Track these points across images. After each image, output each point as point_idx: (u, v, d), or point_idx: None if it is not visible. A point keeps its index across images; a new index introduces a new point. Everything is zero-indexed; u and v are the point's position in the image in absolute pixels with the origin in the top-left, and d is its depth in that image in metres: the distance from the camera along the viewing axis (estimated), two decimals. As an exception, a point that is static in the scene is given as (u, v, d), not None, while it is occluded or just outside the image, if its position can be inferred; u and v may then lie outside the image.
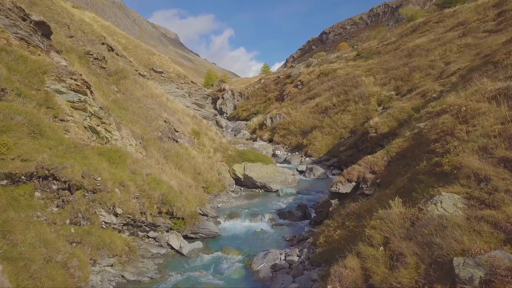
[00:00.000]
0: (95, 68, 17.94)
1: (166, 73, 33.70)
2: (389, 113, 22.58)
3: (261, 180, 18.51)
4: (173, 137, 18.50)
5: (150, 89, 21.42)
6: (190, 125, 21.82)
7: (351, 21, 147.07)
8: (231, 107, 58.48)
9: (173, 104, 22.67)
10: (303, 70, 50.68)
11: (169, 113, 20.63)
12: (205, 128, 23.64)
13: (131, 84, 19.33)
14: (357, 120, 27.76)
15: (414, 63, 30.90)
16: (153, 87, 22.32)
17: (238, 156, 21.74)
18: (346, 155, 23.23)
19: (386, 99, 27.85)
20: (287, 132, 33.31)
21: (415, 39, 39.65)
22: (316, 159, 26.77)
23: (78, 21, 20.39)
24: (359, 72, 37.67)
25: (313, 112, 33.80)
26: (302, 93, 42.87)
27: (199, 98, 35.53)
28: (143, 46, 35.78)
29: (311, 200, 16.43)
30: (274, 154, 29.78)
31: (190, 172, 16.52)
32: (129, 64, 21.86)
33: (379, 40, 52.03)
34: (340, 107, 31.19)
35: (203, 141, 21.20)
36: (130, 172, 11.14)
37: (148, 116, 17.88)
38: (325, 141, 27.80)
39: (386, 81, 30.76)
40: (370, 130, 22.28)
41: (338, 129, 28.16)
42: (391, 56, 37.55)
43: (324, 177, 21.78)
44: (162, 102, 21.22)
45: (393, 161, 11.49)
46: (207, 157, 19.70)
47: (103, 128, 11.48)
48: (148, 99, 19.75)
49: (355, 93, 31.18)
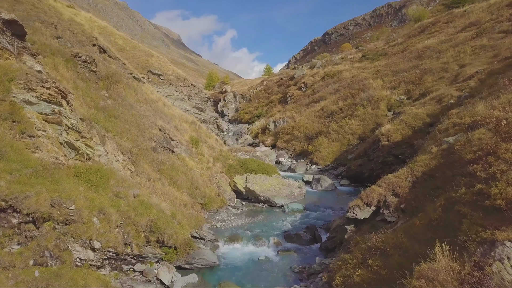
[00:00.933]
0: (84, 72, 16.32)
1: (165, 76, 32.08)
2: (402, 119, 20.88)
3: (264, 194, 16.85)
4: (169, 147, 16.86)
5: (145, 94, 19.78)
6: (188, 132, 20.18)
7: (354, 21, 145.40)
8: (232, 109, 56.87)
9: (170, 109, 21.03)
10: (307, 72, 49.00)
11: (165, 120, 18.99)
12: (204, 135, 21.99)
13: (123, 89, 17.70)
14: (365, 126, 26.06)
15: (425, 65, 29.17)
16: (149, 91, 20.70)
17: (239, 165, 20.09)
18: (356, 165, 21.54)
19: (397, 103, 26.14)
20: (291, 137, 31.64)
21: (424, 40, 37.93)
22: (323, 167, 25.09)
23: (67, 21, 18.78)
24: (366, 74, 35.98)
25: (318, 116, 32.11)
26: (306, 95, 41.21)
27: (199, 101, 33.91)
28: (141, 47, 34.18)
29: (320, 219, 14.74)
30: (278, 161, 28.12)
31: (186, 187, 14.87)
32: (123, 67, 20.24)
33: (385, 41, 50.29)
34: (347, 112, 29.49)
35: (202, 149, 19.55)
36: (113, 195, 9.49)
37: (141, 124, 16.24)
38: (331, 148, 26.11)
39: (395, 84, 29.04)
40: (382, 138, 20.59)
41: (345, 135, 26.46)
42: (399, 58, 35.83)
43: (332, 189, 20.11)
44: (158, 108, 19.59)
45: (419, 182, 9.82)
46: (206, 168, 18.05)
47: (83, 143, 9.85)
48: (142, 105, 18.11)
49: (362, 96, 29.48)
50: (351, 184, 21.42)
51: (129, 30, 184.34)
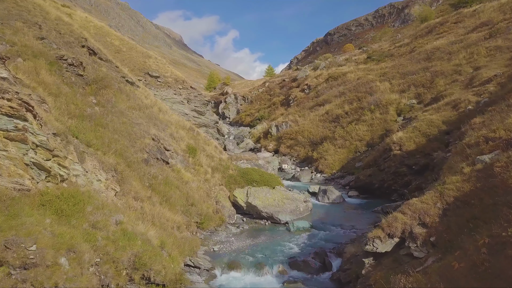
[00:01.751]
0: (70, 76, 14.79)
1: (163, 78, 30.54)
2: (415, 126, 19.29)
3: (267, 210, 15.29)
4: (163, 158, 15.32)
5: (139, 99, 18.23)
6: (185, 140, 18.64)
7: (356, 22, 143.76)
8: (234, 111, 55.34)
9: (166, 115, 19.48)
10: (310, 73, 47.42)
11: (160, 128, 17.45)
12: (202, 143, 20.44)
13: (114, 94, 16.16)
14: (374, 132, 24.47)
15: (436, 67, 27.56)
16: (143, 96, 19.15)
17: (240, 176, 18.56)
18: (365, 175, 19.95)
19: (407, 108, 24.54)
20: (294, 142, 30.06)
21: (432, 40, 36.30)
22: (329, 176, 23.51)
23: (54, 20, 17.26)
24: (372, 76, 34.38)
25: (323, 120, 30.52)
26: (309, 98, 39.63)
27: (198, 104, 32.39)
28: (138, 48, 32.65)
29: (330, 240, 13.17)
30: (281, 168, 26.57)
31: (181, 204, 13.33)
32: (115, 70, 18.71)
33: (390, 42, 48.65)
34: (354, 116, 27.90)
35: (199, 159, 18.01)
36: (89, 225, 7.95)
37: (132, 133, 14.70)
38: (338, 155, 24.53)
39: (404, 88, 27.43)
40: (393, 146, 19.01)
41: (352, 141, 24.88)
42: (407, 59, 34.21)
43: (340, 201, 18.54)
44: (153, 114, 18.04)
45: (450, 209, 8.27)
46: (204, 180, 16.50)
47: (55, 163, 8.34)
48: (135, 112, 16.56)
49: (370, 100, 27.89)
50: (360, 195, 19.85)
51: (130, 31, 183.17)
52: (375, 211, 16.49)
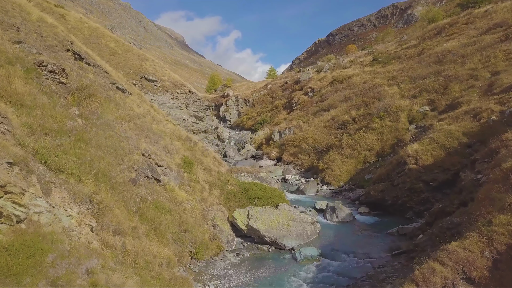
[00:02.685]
0: (50, 84, 13.09)
1: (160, 82, 28.85)
2: (432, 138, 17.52)
3: (271, 234, 13.56)
4: (154, 176, 13.61)
5: (130, 108, 16.51)
6: (180, 153, 16.92)
7: (359, 22, 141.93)
8: (235, 114, 53.63)
9: (160, 125, 17.75)
10: (314, 76, 45.66)
11: (153, 140, 15.73)
12: (200, 154, 18.73)
13: (101, 103, 14.45)
14: (384, 141, 22.69)
15: (449, 71, 25.77)
16: (135, 104, 17.44)
17: (240, 192, 16.86)
18: (377, 190, 18.20)
19: (419, 115, 22.76)
20: (298, 150, 28.31)
21: (442, 42, 34.47)
22: (336, 188, 21.76)
23: (36, 22, 15.56)
24: (380, 80, 32.59)
25: (329, 126, 28.77)
26: (313, 102, 37.87)
27: (197, 109, 30.68)
28: (134, 50, 30.95)
29: (343, 273, 11.41)
30: (284, 178, 24.84)
31: (172, 232, 11.62)
32: (104, 76, 17.01)
33: (397, 43, 46.82)
34: (361, 123, 26.13)
35: (196, 173, 16.30)
36: (48, 283, 6.25)
37: (120, 149, 13.00)
38: (345, 166, 22.77)
39: (415, 93, 25.64)
40: (409, 160, 17.25)
41: (361, 151, 23.11)
42: (416, 62, 32.41)
43: (350, 220, 16.80)
44: (145, 124, 16.31)
45: (503, 261, 6.54)
46: (200, 198, 14.79)
47: (8, 200, 6.66)
48: (124, 123, 14.84)
49: (378, 106, 26.12)
50: (371, 212, 18.11)
51: (132, 31, 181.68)
52: (390, 234, 14.76)
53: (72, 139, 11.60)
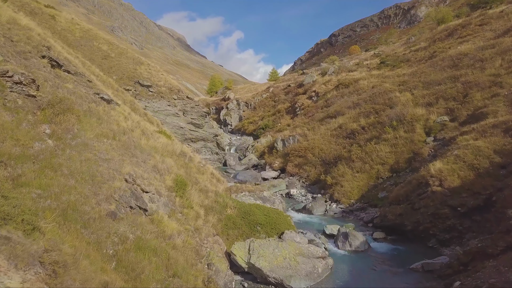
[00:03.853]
0: (15, 98, 10.98)
1: (155, 87, 26.74)
2: (458, 155, 15.34)
3: (276, 274, 11.43)
4: (139, 205, 11.49)
5: (115, 122, 14.38)
6: (173, 172, 14.79)
7: (361, 23, 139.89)
8: (236, 118, 51.51)
9: (150, 140, 15.63)
10: (318, 79, 43.48)
11: (140, 159, 13.61)
12: (195, 171, 16.61)
13: (79, 119, 12.33)
14: (399, 154, 20.50)
15: (467, 77, 23.54)
16: (122, 117, 15.34)
17: (240, 217, 14.75)
18: (394, 213, 16.03)
19: (437, 126, 20.56)
20: (303, 160, 26.15)
21: (455, 45, 32.23)
22: (346, 207, 19.60)
23: (6, 24, 13.45)
24: (389, 85, 30.39)
25: (336, 135, 26.60)
26: (318, 107, 35.70)
27: (196, 116, 28.56)
28: (129, 53, 28.84)
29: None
30: (289, 194, 22.69)
31: (157, 279, 9.47)
32: (86, 86, 14.92)
33: (405, 45, 44.55)
34: (372, 132, 23.94)
35: (190, 197, 14.17)
36: None
37: (97, 175, 10.87)
38: (356, 182, 20.60)
39: (431, 100, 23.42)
40: (432, 181, 15.07)
41: (373, 164, 20.92)
42: (428, 66, 30.17)
43: (365, 248, 14.66)
44: (131, 141, 14.19)
45: None
46: (194, 229, 12.65)
47: None
48: (107, 141, 12.71)
49: (390, 114, 23.93)
50: (387, 237, 15.95)
51: (133, 32, 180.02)
52: (413, 270, 12.62)
53: (37, 166, 9.48)
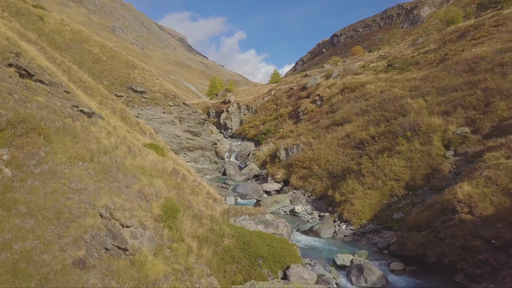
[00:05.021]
0: (-34, 116, 8.99)
1: (150, 93, 24.72)
2: (489, 177, 13.27)
3: (281, 330, 9.41)
4: (117, 244, 9.44)
5: (95, 140, 12.32)
6: (162, 196, 12.76)
7: (364, 23, 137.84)
8: (236, 122, 49.46)
9: (137, 159, 13.61)
10: (322, 82, 41.40)
11: (123, 184, 11.58)
12: (189, 192, 14.58)
13: (48, 139, 10.31)
14: (415, 170, 18.41)
15: (487, 83, 21.44)
16: (104, 133, 13.31)
17: (240, 248, 12.73)
18: (415, 242, 13.95)
19: (457, 139, 18.48)
20: (308, 172, 24.07)
21: (468, 47, 30.07)
22: (357, 228, 17.53)
23: (-35, 27, 11.50)
24: (398, 90, 28.31)
25: (343, 145, 24.53)
26: (323, 112, 33.62)
27: (193, 124, 26.55)
28: (122, 57, 26.81)
29: None
30: (294, 211, 20.64)
31: None
32: (63, 97, 12.90)
33: (413, 47, 42.37)
34: (383, 143, 21.86)
35: (181, 226, 12.14)
36: None
37: (65, 211, 8.85)
38: (368, 200, 18.53)
39: (448, 109, 21.31)
40: (459, 207, 13.00)
41: (386, 180, 18.84)
42: (441, 70, 28.05)
43: (382, 284, 12.62)
44: (114, 162, 12.17)
45: None
46: (184, 268, 10.60)
47: None
48: (82, 165, 10.68)
49: (403, 123, 21.83)
50: (406, 268, 13.89)
51: (134, 32, 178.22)
52: (443, 317, 10.58)
53: (-17, 205, 7.50)
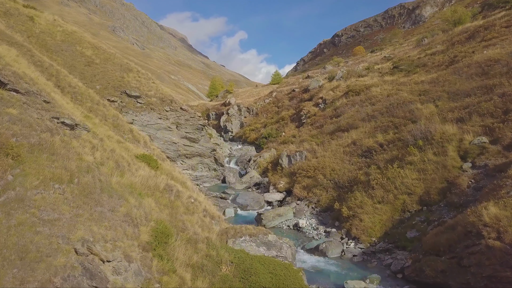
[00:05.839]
0: None
1: (145, 98, 23.27)
2: (518, 197, 11.76)
3: None
4: (95, 285, 8.02)
5: (78, 156, 10.88)
6: (153, 218, 11.29)
7: (365, 23, 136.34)
8: (237, 124, 48.01)
9: (125, 176, 12.14)
10: (325, 84, 39.91)
11: (107, 208, 10.11)
12: (183, 211, 13.12)
13: (17, 159, 8.86)
14: (429, 183, 16.92)
15: (504, 88, 19.99)
16: (88, 147, 11.86)
17: (239, 278, 11.31)
18: (434, 268, 12.49)
19: (475, 149, 17.00)
20: (312, 182, 22.60)
21: (479, 49, 28.58)
22: (367, 247, 16.07)
23: None
24: (406, 94, 26.84)
25: (350, 153, 23.06)
26: (326, 116, 32.14)
27: (191, 130, 25.11)
28: (116, 59, 25.33)
29: None
30: (297, 225, 19.18)
31: None
32: (42, 108, 11.43)
33: (418, 47, 40.81)
34: (392, 152, 20.39)
35: (173, 253, 10.70)
36: None
37: (31, 249, 7.41)
38: (378, 215, 17.05)
39: (462, 116, 19.83)
40: (485, 231, 11.54)
41: (398, 194, 17.36)
42: (451, 73, 26.55)
43: (398, 318, 11.18)
44: (98, 180, 10.72)
45: None
46: (175, 308, 9.18)
47: None
48: (59, 187, 9.23)
49: (413, 131, 20.33)
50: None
51: (135, 32, 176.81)
52: None
53: None
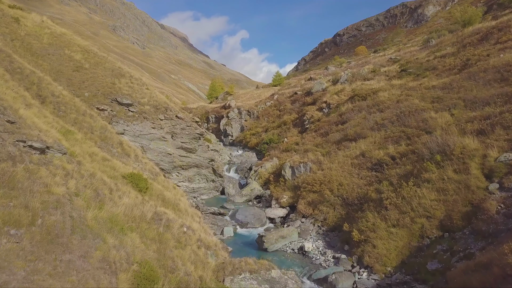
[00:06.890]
0: None
1: (138, 106, 21.42)
2: None
3: None
4: None
5: (45, 188, 9.01)
6: (136, 260, 9.45)
7: (367, 22, 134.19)
8: (237, 128, 46.14)
9: (104, 208, 10.29)
10: (329, 88, 37.97)
11: (77, 254, 8.26)
12: (174, 245, 11.27)
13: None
14: (450, 205, 15.00)
15: (529, 97, 18.00)
16: (59, 176, 9.98)
17: (238, 331, 9.41)
18: (465, 316, 10.61)
19: (501, 167, 15.09)
20: (318, 197, 20.71)
21: (494, 52, 26.64)
22: (381, 278, 14.19)
23: None
24: (418, 101, 24.93)
25: (358, 166, 21.17)
26: (331, 122, 30.24)
27: (187, 139, 23.28)
28: (108, 64, 23.45)
29: None
30: (303, 249, 17.32)
31: None
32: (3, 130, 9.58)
33: (425, 48, 38.82)
34: (406, 166, 18.49)
35: (160, 304, 8.84)
36: None
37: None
38: (394, 241, 15.17)
39: (484, 128, 17.92)
40: (530, 276, 9.59)
41: (415, 217, 15.46)
42: (465, 78, 24.61)
43: None
44: (69, 217, 8.89)
45: None
46: None
47: None
48: (15, 233, 7.36)
49: (429, 143, 18.41)
50: None
51: (135, 31, 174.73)
52: None
53: None
